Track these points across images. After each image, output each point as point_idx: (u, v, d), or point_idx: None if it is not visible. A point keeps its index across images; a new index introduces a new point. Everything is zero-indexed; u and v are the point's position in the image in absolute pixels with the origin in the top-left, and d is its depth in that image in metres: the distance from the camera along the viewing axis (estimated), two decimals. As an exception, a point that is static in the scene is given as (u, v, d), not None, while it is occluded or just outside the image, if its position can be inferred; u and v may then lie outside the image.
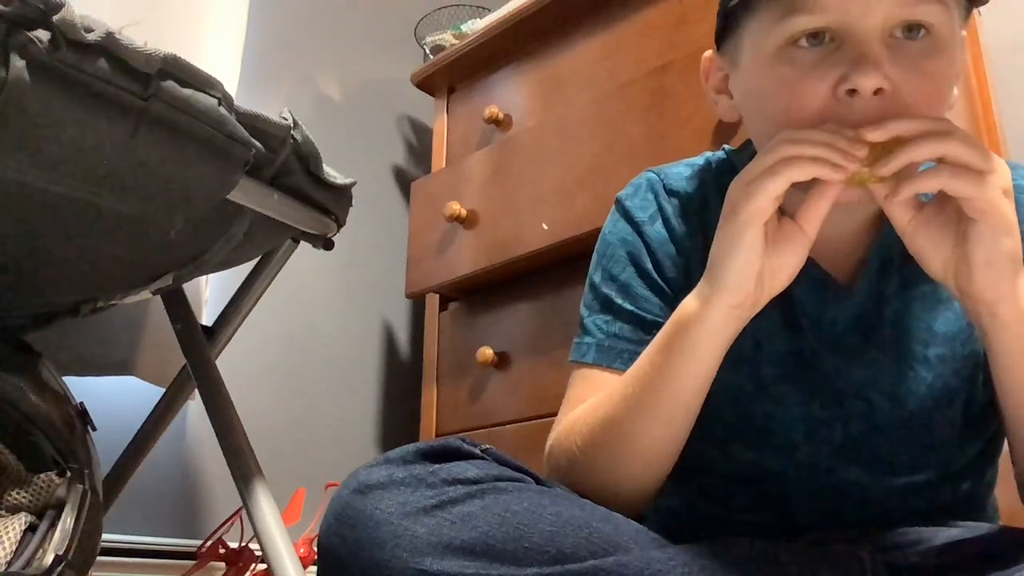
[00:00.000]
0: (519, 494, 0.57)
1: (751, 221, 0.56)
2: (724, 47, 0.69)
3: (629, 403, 0.63)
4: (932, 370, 0.66)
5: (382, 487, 0.56)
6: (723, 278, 0.58)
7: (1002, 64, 1.29)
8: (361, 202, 1.14)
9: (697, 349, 0.60)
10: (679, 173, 0.75)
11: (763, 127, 0.65)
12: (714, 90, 0.71)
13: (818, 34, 0.59)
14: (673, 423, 0.63)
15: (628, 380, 0.65)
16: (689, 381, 0.62)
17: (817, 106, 0.59)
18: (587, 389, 0.70)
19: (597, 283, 0.74)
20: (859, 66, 0.57)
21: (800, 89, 0.59)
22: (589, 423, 0.66)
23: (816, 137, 0.55)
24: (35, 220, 0.81)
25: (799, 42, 0.60)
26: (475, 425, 1.47)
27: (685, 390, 0.62)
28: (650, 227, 0.73)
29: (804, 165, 0.55)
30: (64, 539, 0.82)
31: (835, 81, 0.58)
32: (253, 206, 0.91)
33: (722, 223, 0.59)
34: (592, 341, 0.71)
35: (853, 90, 0.57)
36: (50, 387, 0.92)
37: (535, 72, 1.60)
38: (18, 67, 0.65)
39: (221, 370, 1.05)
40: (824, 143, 0.55)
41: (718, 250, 0.59)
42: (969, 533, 0.60)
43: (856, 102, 0.57)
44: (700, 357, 0.61)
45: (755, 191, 0.56)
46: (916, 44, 0.59)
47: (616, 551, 0.56)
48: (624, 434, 0.63)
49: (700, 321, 0.59)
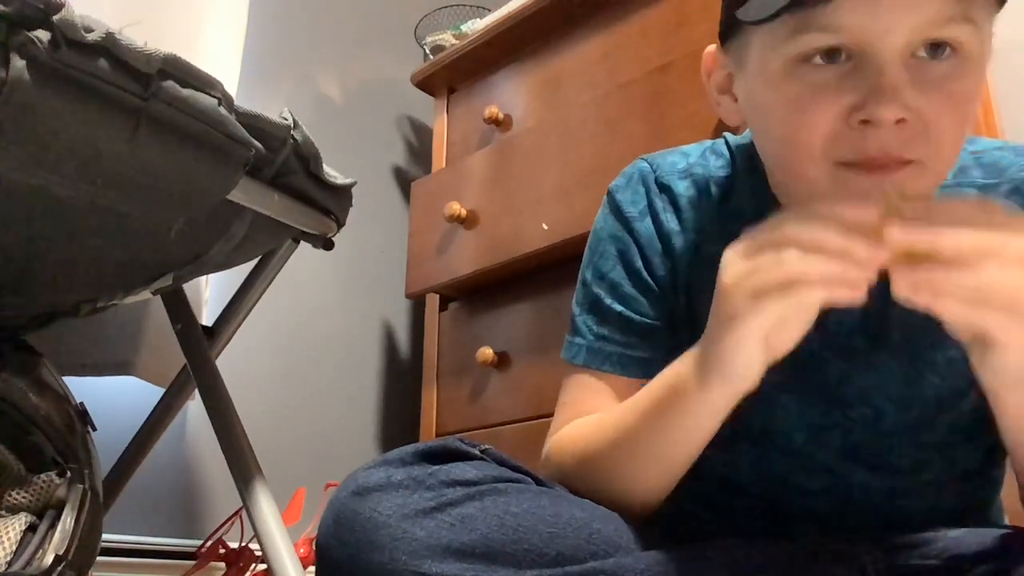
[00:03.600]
0: (518, 495, 0.56)
1: (754, 334, 0.50)
2: (729, 45, 0.63)
3: (617, 453, 0.62)
4: (939, 374, 0.63)
5: (380, 489, 0.56)
6: (726, 373, 0.53)
7: (1002, 64, 1.29)
8: (361, 202, 1.14)
9: (693, 423, 0.57)
10: (673, 164, 0.72)
11: (769, 145, 0.63)
12: (717, 89, 0.66)
13: (833, 52, 0.54)
14: (665, 474, 0.61)
15: (616, 427, 0.62)
16: (682, 446, 0.60)
17: (827, 132, 0.54)
18: (581, 392, 0.71)
19: (588, 281, 0.73)
20: (878, 95, 0.52)
21: (810, 114, 0.55)
22: (577, 454, 0.66)
23: (830, 244, 0.47)
24: (35, 220, 0.81)
25: (812, 59, 0.55)
26: (475, 425, 1.47)
27: (678, 452, 0.60)
28: (640, 223, 0.71)
29: (816, 289, 0.47)
30: (64, 539, 0.82)
31: (849, 107, 0.53)
32: (253, 206, 0.91)
33: (720, 314, 0.52)
34: (582, 343, 0.71)
35: (868, 120, 0.53)
36: (50, 387, 0.92)
37: (535, 72, 1.60)
38: (18, 67, 0.65)
39: (221, 370, 1.05)
40: (839, 254, 0.46)
41: (718, 344, 0.52)
42: (971, 536, 0.59)
43: (871, 131, 0.53)
44: (698, 426, 0.58)
45: (759, 310, 0.49)
46: (941, 65, 0.54)
47: (616, 552, 0.56)
48: (612, 474, 0.62)
49: (699, 401, 0.56)
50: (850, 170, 0.55)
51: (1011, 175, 0.65)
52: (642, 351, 0.69)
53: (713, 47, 0.66)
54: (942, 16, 0.52)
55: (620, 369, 0.69)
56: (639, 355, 0.69)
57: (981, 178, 0.65)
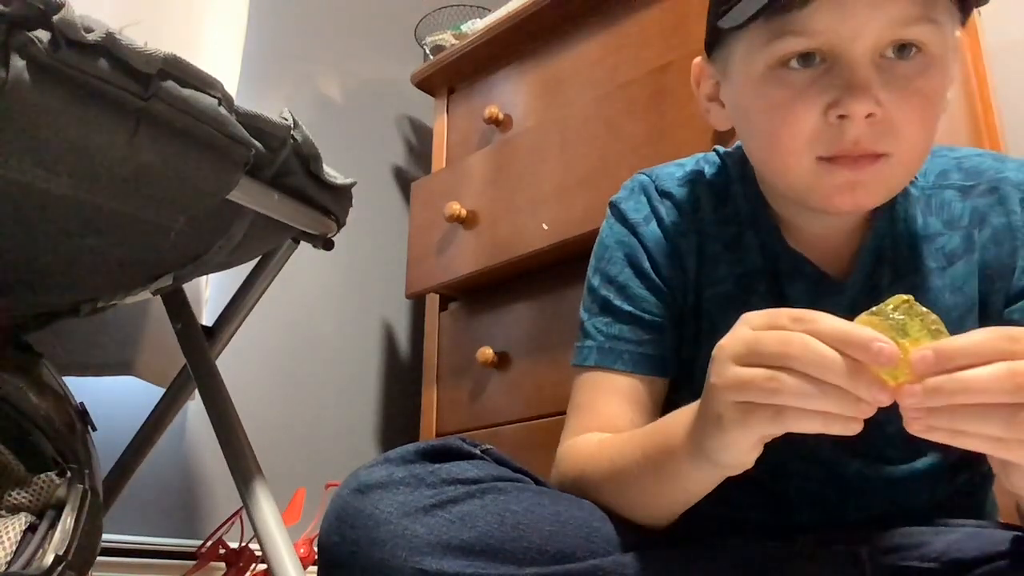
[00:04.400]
0: (519, 494, 0.57)
1: (742, 441, 0.49)
2: (714, 56, 0.68)
3: (611, 487, 0.61)
4: None
5: (382, 487, 0.56)
6: (716, 463, 0.52)
7: (1002, 64, 1.29)
8: (361, 202, 1.14)
9: (684, 486, 0.57)
10: (670, 174, 0.76)
11: (755, 145, 0.66)
12: (706, 97, 0.71)
13: (808, 55, 0.59)
14: (660, 516, 0.61)
15: (612, 465, 0.62)
16: (675, 502, 0.59)
17: (808, 128, 0.59)
18: (593, 393, 0.71)
19: (596, 286, 0.74)
20: (851, 92, 0.56)
21: (791, 112, 0.59)
22: (587, 471, 0.65)
23: (833, 378, 0.43)
24: (35, 220, 0.81)
25: (789, 63, 0.59)
26: (475, 425, 1.47)
27: (673, 503, 0.59)
28: (645, 227, 0.73)
29: (812, 419, 0.45)
30: (64, 539, 0.82)
31: (826, 105, 0.58)
32: (253, 206, 0.91)
33: (708, 412, 0.50)
34: (593, 344, 0.72)
35: (845, 115, 0.57)
36: (50, 387, 0.92)
37: (535, 72, 1.60)
38: (18, 67, 0.65)
39: (221, 370, 1.05)
40: (838, 394, 0.44)
41: (708, 439, 0.50)
42: (968, 535, 0.59)
43: (847, 125, 0.57)
44: (690, 490, 0.57)
45: (747, 425, 0.47)
46: (908, 64, 0.58)
47: (616, 550, 0.56)
48: (608, 503, 0.62)
49: (690, 473, 0.55)
50: (829, 164, 0.59)
51: (989, 176, 0.69)
52: (653, 348, 0.71)
53: (700, 59, 0.71)
54: (906, 18, 0.56)
55: (632, 367, 0.70)
56: (650, 352, 0.70)
57: (961, 180, 0.69)
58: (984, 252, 0.67)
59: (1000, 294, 0.66)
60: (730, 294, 0.70)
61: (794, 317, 0.46)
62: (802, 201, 0.64)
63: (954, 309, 0.66)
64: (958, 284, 0.67)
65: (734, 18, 0.60)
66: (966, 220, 0.68)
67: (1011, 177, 0.68)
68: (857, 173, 0.59)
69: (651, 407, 0.70)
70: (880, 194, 0.62)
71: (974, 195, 0.68)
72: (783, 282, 0.69)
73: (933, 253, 0.67)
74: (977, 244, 0.67)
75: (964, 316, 0.66)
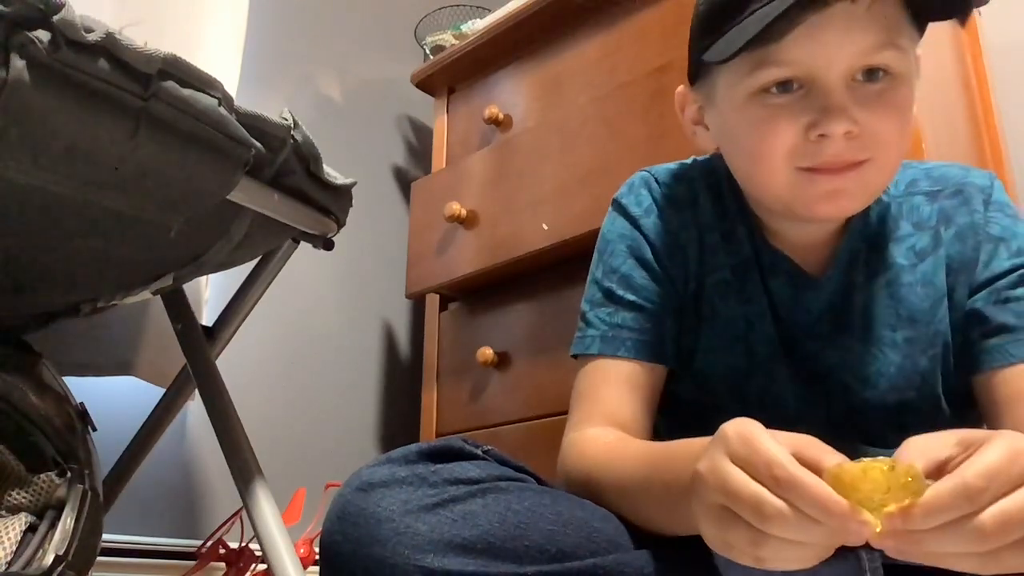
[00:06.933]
0: (520, 493, 0.57)
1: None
2: (698, 84, 0.73)
3: (630, 505, 0.60)
4: (900, 352, 0.71)
5: (384, 485, 0.56)
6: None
7: (1002, 64, 1.29)
8: (361, 202, 1.14)
9: (681, 522, 0.55)
10: (669, 170, 0.81)
11: (740, 162, 0.71)
12: (691, 122, 0.76)
13: (787, 83, 0.64)
14: (673, 532, 0.59)
15: (628, 482, 0.61)
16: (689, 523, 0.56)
17: (789, 142, 0.64)
18: (595, 380, 0.74)
19: (599, 278, 0.78)
20: (828, 113, 0.62)
21: (773, 131, 0.64)
22: (594, 477, 0.65)
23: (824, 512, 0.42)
24: (35, 220, 0.81)
25: (770, 90, 0.64)
26: (475, 425, 1.48)
27: (685, 528, 0.56)
28: (646, 220, 0.77)
29: (801, 551, 0.44)
30: (64, 539, 0.82)
31: (805, 126, 0.63)
32: (253, 206, 0.91)
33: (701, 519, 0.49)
34: (596, 333, 0.75)
35: (824, 134, 0.62)
36: (50, 387, 0.92)
37: (535, 72, 1.60)
38: (18, 67, 0.65)
39: (221, 370, 1.05)
40: (827, 529, 0.43)
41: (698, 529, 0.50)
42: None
43: (827, 143, 0.62)
44: (687, 527, 0.54)
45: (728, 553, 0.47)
46: (877, 85, 0.63)
47: (616, 550, 0.56)
48: (626, 513, 0.61)
49: (687, 521, 0.52)
50: (810, 173, 0.64)
51: (954, 181, 0.75)
52: (654, 336, 0.74)
53: (683, 88, 0.76)
54: (873, 46, 0.62)
55: (634, 353, 0.73)
56: (652, 340, 0.74)
57: (928, 187, 0.76)
58: (949, 248, 0.73)
59: (964, 286, 0.72)
60: (727, 280, 0.75)
61: (774, 477, 0.44)
62: (787, 211, 0.69)
63: (925, 300, 0.72)
64: (928, 278, 0.72)
65: (718, 52, 0.64)
66: (934, 220, 0.74)
67: (975, 181, 0.74)
68: (839, 180, 0.64)
69: (652, 394, 0.74)
70: (861, 199, 0.67)
71: (941, 198, 0.75)
72: (767, 276, 0.74)
73: (904, 252, 0.73)
74: (944, 241, 0.73)
75: (935, 306, 0.72)
